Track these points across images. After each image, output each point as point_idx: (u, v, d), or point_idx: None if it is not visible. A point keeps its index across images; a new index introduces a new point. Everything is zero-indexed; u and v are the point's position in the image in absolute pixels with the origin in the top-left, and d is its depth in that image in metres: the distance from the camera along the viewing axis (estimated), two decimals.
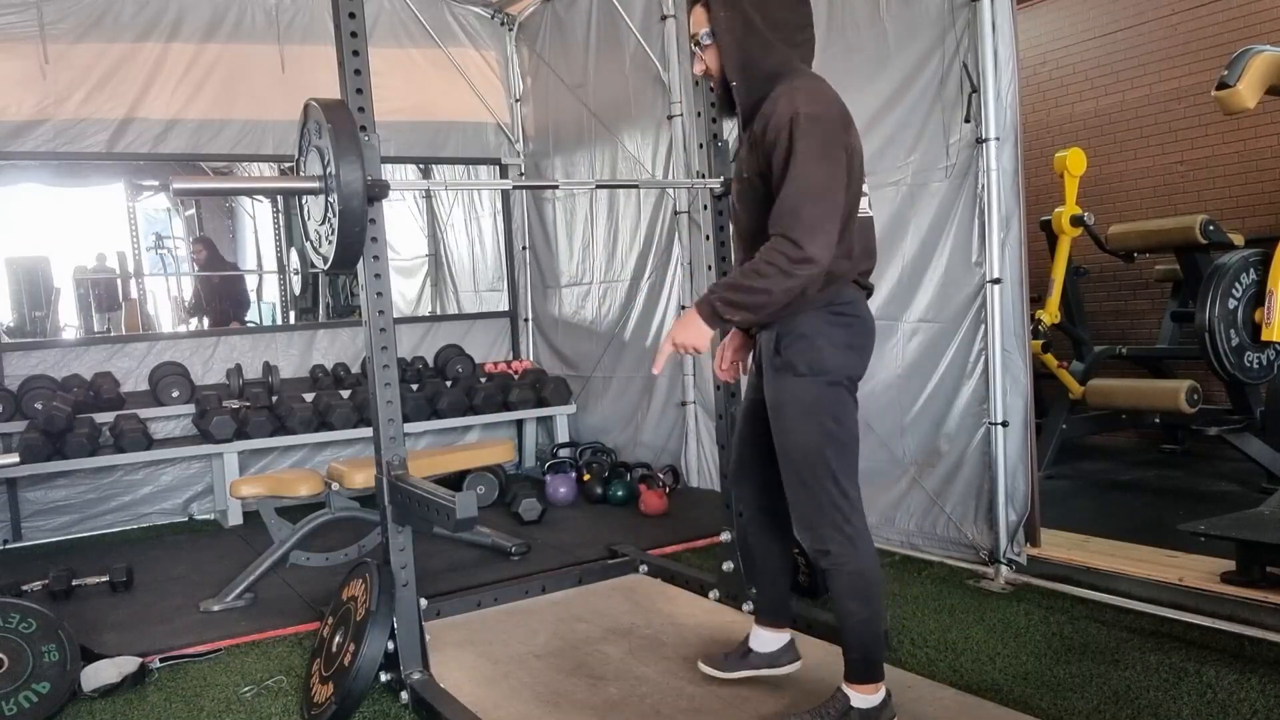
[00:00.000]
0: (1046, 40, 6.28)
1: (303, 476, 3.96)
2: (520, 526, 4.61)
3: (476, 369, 6.09)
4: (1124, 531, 3.71)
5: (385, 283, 2.65)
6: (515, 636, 3.06)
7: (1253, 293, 4.25)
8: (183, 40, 5.38)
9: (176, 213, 8.69)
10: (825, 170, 2.01)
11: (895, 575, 3.55)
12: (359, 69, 2.57)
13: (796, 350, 2.16)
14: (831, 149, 2.03)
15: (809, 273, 1.99)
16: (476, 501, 2.32)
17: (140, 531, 5.07)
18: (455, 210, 7.53)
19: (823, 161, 2.01)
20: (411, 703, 2.58)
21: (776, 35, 2.13)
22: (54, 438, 4.60)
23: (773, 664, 2.55)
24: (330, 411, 5.22)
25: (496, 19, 6.38)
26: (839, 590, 2.21)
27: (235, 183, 6.59)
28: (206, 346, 5.68)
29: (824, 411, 2.16)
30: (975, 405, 3.54)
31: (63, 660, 2.65)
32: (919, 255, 3.73)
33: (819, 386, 2.15)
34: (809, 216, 1.98)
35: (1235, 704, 2.35)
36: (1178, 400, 4.51)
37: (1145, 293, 5.91)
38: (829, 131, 2.03)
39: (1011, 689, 2.53)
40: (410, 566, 2.66)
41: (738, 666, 2.57)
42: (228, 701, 2.74)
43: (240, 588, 3.61)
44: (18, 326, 7.02)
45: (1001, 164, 3.38)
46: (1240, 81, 3.88)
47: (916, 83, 3.67)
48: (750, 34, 2.12)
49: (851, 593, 2.19)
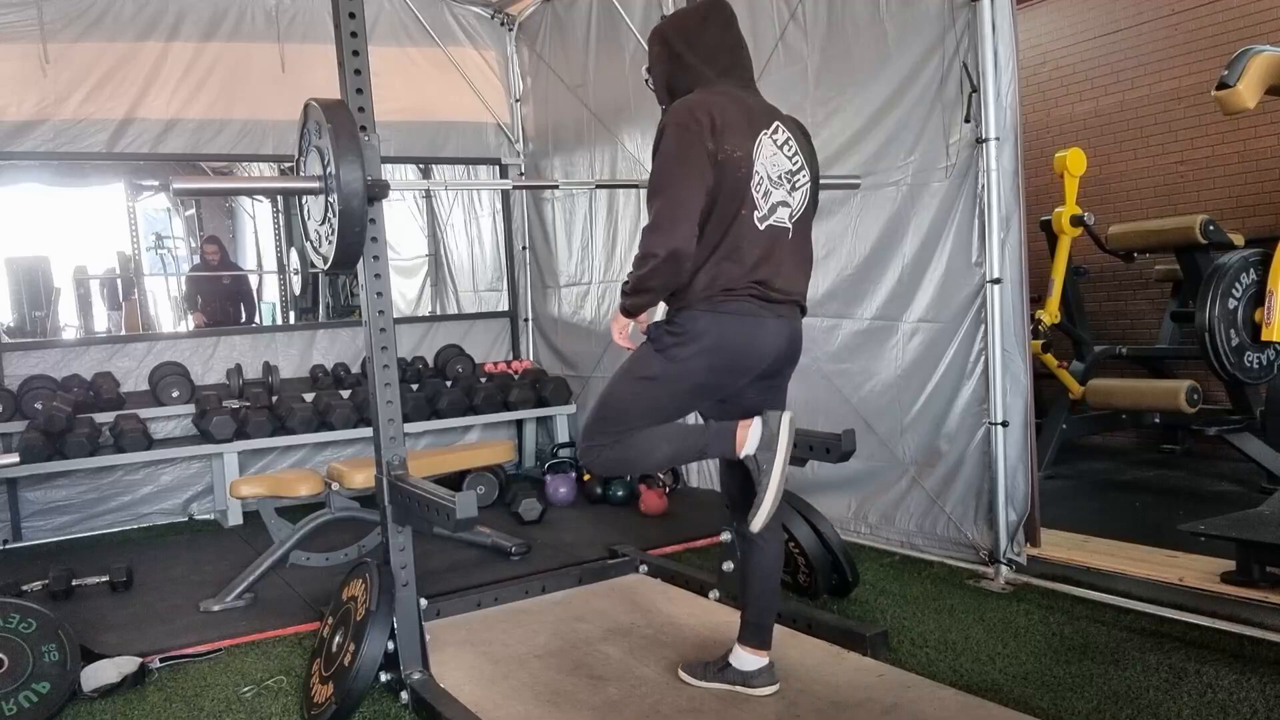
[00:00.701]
0: (1046, 40, 6.28)
1: (303, 476, 3.96)
2: (520, 526, 4.61)
3: (476, 369, 6.09)
4: (1124, 531, 3.71)
5: (385, 283, 2.65)
6: (515, 636, 3.06)
7: (1253, 293, 4.25)
8: (183, 40, 5.39)
9: (176, 213, 8.69)
10: (677, 173, 2.19)
11: (895, 575, 3.55)
12: (359, 69, 2.58)
13: (665, 333, 2.31)
14: (688, 153, 2.19)
15: (653, 264, 2.18)
16: (476, 501, 2.32)
17: (140, 531, 5.07)
18: (455, 210, 7.52)
19: (676, 164, 2.20)
20: (411, 703, 2.58)
21: (698, 59, 2.35)
22: (54, 438, 4.60)
23: (747, 683, 2.53)
24: (330, 411, 5.23)
25: (496, 19, 6.38)
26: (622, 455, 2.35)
27: (235, 183, 6.59)
28: (206, 346, 5.68)
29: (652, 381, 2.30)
30: (975, 405, 3.54)
31: (63, 660, 2.65)
32: (919, 255, 3.74)
33: (664, 368, 2.29)
34: (653, 213, 2.20)
35: (1235, 704, 2.35)
36: (1178, 400, 4.51)
37: (1145, 293, 5.91)
38: (688, 137, 2.19)
39: (1011, 689, 2.53)
40: (410, 566, 2.66)
41: (713, 678, 2.57)
42: (228, 701, 2.74)
43: (240, 588, 3.61)
44: (18, 326, 7.02)
45: (1001, 164, 3.38)
46: (1240, 81, 3.88)
47: (916, 83, 3.67)
48: (674, 63, 2.38)
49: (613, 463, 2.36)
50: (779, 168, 2.33)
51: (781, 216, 2.32)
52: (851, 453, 2.72)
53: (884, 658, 2.73)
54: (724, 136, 2.21)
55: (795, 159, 2.38)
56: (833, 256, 4.10)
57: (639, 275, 2.22)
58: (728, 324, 2.26)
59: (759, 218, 2.28)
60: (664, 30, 2.43)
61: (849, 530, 3.96)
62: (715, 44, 2.37)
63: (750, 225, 2.26)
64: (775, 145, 2.33)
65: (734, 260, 2.25)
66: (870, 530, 3.98)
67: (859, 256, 4.00)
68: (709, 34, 2.37)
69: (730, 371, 2.32)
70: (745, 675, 2.54)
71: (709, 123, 2.20)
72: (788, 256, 2.35)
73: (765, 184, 2.29)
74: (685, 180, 2.18)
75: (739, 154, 2.23)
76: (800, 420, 4.21)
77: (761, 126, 2.32)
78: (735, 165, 2.23)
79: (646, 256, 2.19)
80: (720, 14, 2.40)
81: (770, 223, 2.30)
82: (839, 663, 2.70)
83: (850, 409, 4.00)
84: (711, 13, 2.39)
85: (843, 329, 4.09)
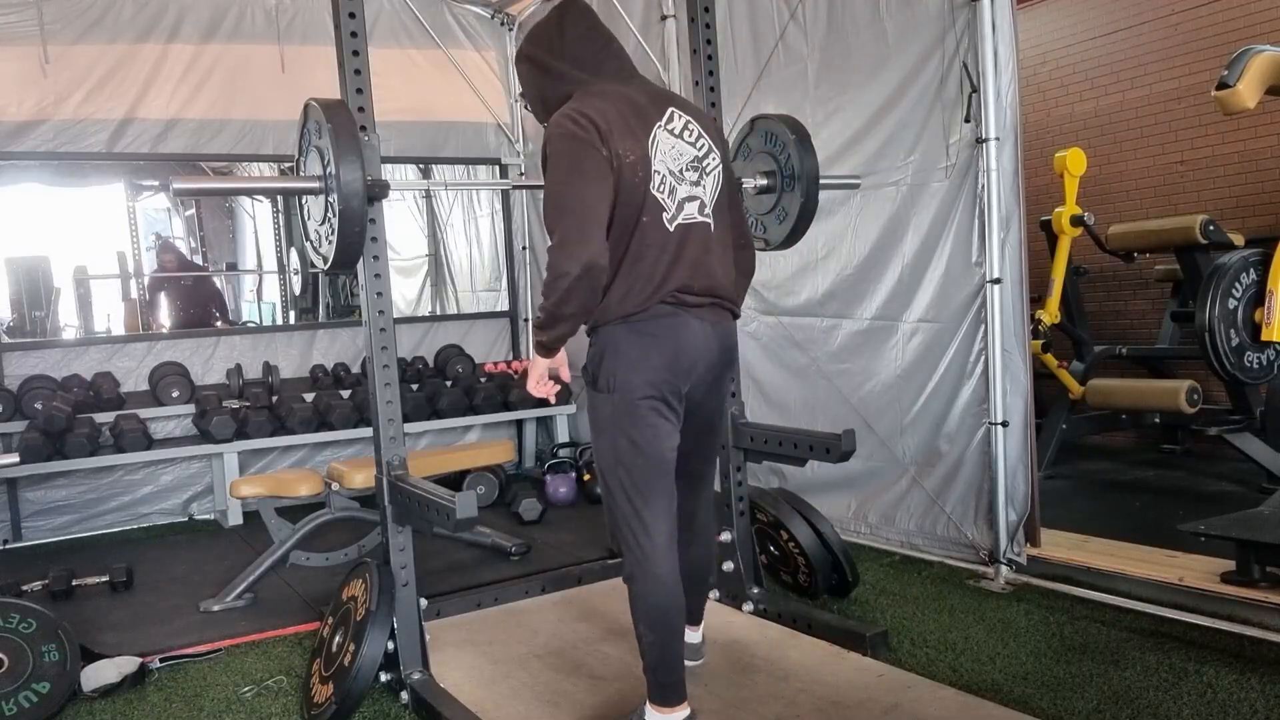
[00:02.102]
0: (1046, 40, 6.27)
1: (303, 476, 3.96)
2: (520, 526, 4.61)
3: (476, 369, 6.09)
4: (1124, 531, 3.71)
5: (385, 283, 2.65)
6: (515, 636, 3.06)
7: (1253, 293, 4.25)
8: (183, 40, 5.38)
9: (176, 212, 8.69)
10: (575, 182, 2.04)
11: (895, 575, 3.55)
12: (359, 69, 2.58)
13: (595, 364, 2.18)
14: (583, 161, 2.04)
15: (567, 284, 1.99)
16: (476, 501, 2.32)
17: (140, 531, 5.07)
18: (455, 210, 7.52)
19: (572, 174, 2.04)
20: (411, 703, 2.58)
21: (568, 64, 2.22)
22: (54, 438, 4.60)
23: None
24: (330, 411, 5.22)
25: (496, 19, 6.37)
26: (632, 607, 2.19)
27: (235, 183, 6.58)
28: (206, 346, 5.68)
29: (617, 428, 2.14)
30: (975, 405, 3.54)
31: (63, 660, 2.65)
32: (919, 255, 3.73)
33: (613, 402, 2.13)
34: (559, 231, 2.03)
35: (1235, 704, 2.35)
36: (1178, 400, 4.51)
37: (1145, 293, 5.91)
38: (578, 144, 2.05)
39: (1011, 689, 2.53)
40: (410, 566, 2.66)
41: None
42: (228, 701, 2.74)
43: (240, 588, 3.61)
44: (18, 326, 7.01)
45: (1001, 164, 3.38)
46: (1240, 81, 3.87)
47: (916, 83, 3.67)
48: (542, 74, 2.25)
49: (638, 614, 2.18)
50: (681, 158, 2.17)
51: (691, 212, 2.16)
52: (851, 453, 2.72)
53: (884, 658, 2.73)
54: (612, 140, 2.06)
55: (700, 142, 2.22)
56: (833, 256, 4.11)
57: (554, 302, 2.02)
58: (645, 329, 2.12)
59: (668, 219, 2.13)
60: (523, 49, 2.29)
61: (849, 530, 3.96)
62: (580, 45, 2.23)
63: (657, 230, 2.11)
64: (673, 135, 2.17)
65: (643, 271, 2.10)
66: (870, 530, 3.98)
67: (859, 256, 4.00)
68: (569, 36, 2.23)
69: (669, 372, 2.15)
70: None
71: (594, 127, 2.05)
72: (705, 253, 2.19)
73: (669, 181, 2.14)
74: (586, 188, 2.03)
75: (632, 158, 2.08)
76: (800, 420, 4.24)
77: (654, 119, 2.16)
78: (631, 170, 2.07)
79: (559, 278, 1.99)
80: (576, 13, 2.26)
81: (680, 221, 2.14)
82: (839, 663, 2.70)
83: (850, 409, 4.00)
84: (567, 15, 2.25)
85: (843, 329, 4.09)
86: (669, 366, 2.14)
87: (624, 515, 2.17)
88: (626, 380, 2.12)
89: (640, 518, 2.15)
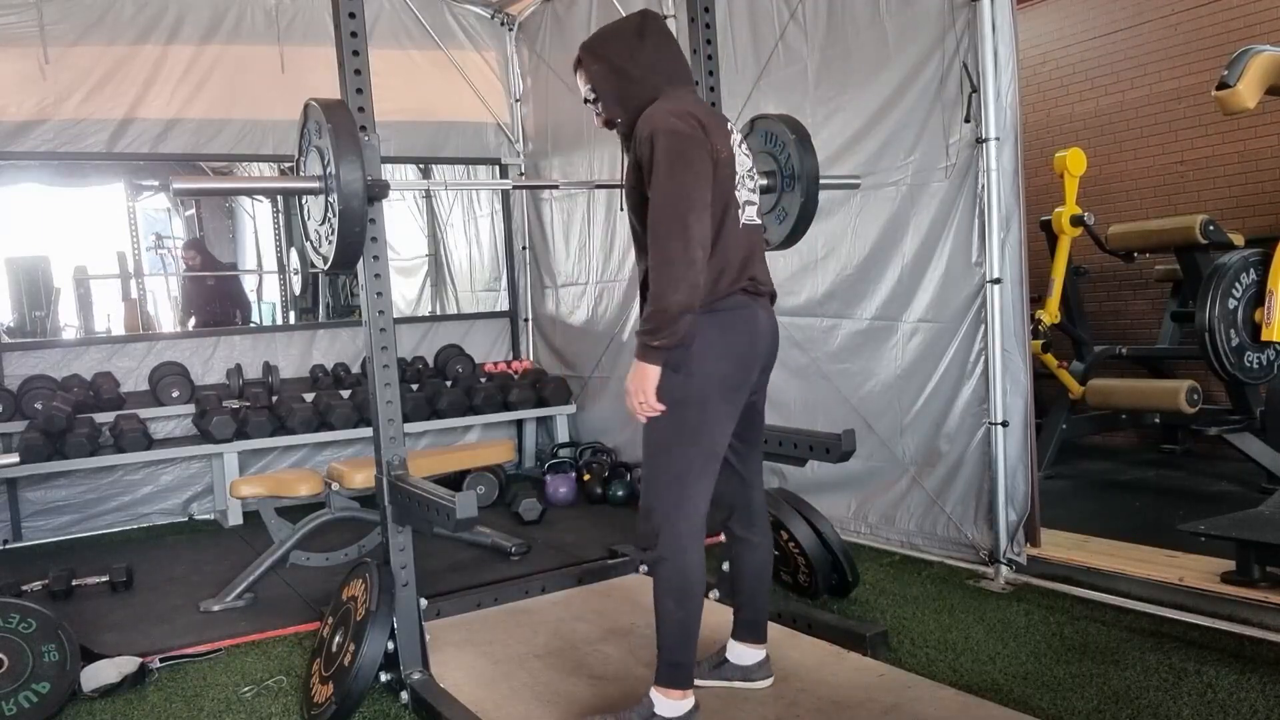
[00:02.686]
0: (1046, 40, 6.27)
1: (303, 476, 3.96)
2: (520, 526, 4.61)
3: (476, 369, 6.09)
4: (1124, 531, 3.71)
5: (385, 283, 2.65)
6: (515, 636, 3.06)
7: (1253, 293, 4.25)
8: (182, 40, 5.38)
9: (176, 213, 8.67)
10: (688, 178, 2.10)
11: (895, 575, 3.55)
12: (359, 69, 2.58)
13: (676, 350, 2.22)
14: (694, 157, 2.12)
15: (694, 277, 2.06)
16: (476, 501, 2.32)
17: (140, 531, 5.07)
18: (455, 210, 7.52)
19: (685, 170, 2.11)
20: (411, 703, 2.58)
21: (643, 71, 2.28)
22: (54, 438, 4.60)
23: (747, 678, 2.55)
24: (330, 411, 5.23)
25: (496, 19, 6.38)
26: (658, 584, 2.25)
27: (235, 183, 6.57)
28: (206, 346, 5.68)
29: (684, 409, 2.20)
30: (975, 405, 3.54)
31: (63, 660, 2.65)
32: (919, 255, 3.73)
33: (687, 386, 2.19)
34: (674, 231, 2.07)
35: (1235, 704, 2.35)
36: (1178, 400, 4.51)
37: (1145, 293, 5.91)
38: (687, 141, 2.12)
39: (1011, 689, 2.53)
40: (410, 566, 2.66)
41: (711, 675, 2.57)
42: (228, 701, 2.74)
43: (240, 588, 3.61)
44: (18, 326, 7.01)
45: (1001, 164, 3.38)
46: (1240, 81, 3.87)
47: (916, 83, 3.67)
48: (620, 77, 2.28)
49: (669, 590, 2.23)
50: (743, 167, 2.33)
51: (751, 214, 2.33)
52: (851, 453, 2.72)
53: (884, 658, 2.73)
54: (713, 138, 2.17)
55: (748, 158, 2.39)
56: (833, 256, 4.11)
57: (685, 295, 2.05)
58: (728, 320, 2.23)
59: (742, 217, 2.28)
60: (596, 48, 2.31)
61: (849, 530, 3.96)
62: (659, 54, 2.29)
63: (735, 225, 2.25)
64: (736, 145, 2.34)
65: (728, 259, 2.22)
66: (870, 530, 3.98)
67: (859, 256, 4.00)
68: (649, 44, 2.28)
69: (744, 365, 2.27)
70: (745, 670, 2.55)
71: (700, 125, 2.15)
72: (760, 253, 2.37)
73: (742, 183, 2.30)
74: (698, 182, 2.10)
75: (725, 154, 2.21)
76: (800, 420, 4.23)
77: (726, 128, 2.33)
78: (725, 166, 2.20)
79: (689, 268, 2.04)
80: (656, 24, 2.32)
81: (743, 221, 2.30)
82: (839, 663, 2.70)
83: (850, 409, 4.00)
84: (648, 24, 2.31)
85: (842, 329, 4.09)
86: (744, 356, 2.27)
87: (670, 496, 2.23)
88: (704, 367, 2.20)
89: (689, 500, 2.22)
